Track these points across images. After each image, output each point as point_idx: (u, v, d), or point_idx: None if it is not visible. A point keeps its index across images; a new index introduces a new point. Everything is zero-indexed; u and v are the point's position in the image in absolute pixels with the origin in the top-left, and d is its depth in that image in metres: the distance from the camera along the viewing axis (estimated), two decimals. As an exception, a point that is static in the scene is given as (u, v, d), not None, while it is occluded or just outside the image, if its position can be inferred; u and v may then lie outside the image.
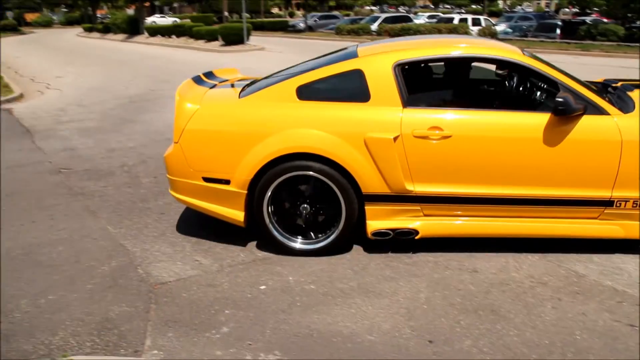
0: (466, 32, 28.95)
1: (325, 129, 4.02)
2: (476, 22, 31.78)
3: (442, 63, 5.31)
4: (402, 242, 4.31)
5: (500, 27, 31.80)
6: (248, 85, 4.76)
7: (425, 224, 4.13)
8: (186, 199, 4.39)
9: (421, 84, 5.02)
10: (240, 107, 4.26)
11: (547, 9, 59.36)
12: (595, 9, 29.01)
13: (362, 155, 3.99)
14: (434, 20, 35.46)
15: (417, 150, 3.98)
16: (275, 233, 4.25)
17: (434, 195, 4.06)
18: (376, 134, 3.97)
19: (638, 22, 28.49)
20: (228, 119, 4.20)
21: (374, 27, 33.36)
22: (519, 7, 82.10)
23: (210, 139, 4.18)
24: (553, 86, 4.24)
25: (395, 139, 3.96)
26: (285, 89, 4.24)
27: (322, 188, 4.12)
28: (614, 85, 4.81)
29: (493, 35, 28.40)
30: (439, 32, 28.89)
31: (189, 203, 4.40)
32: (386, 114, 4.04)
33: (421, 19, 39.90)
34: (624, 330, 3.27)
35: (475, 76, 5.46)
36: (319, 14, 45.14)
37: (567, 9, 42.46)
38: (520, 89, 4.94)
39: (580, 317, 3.40)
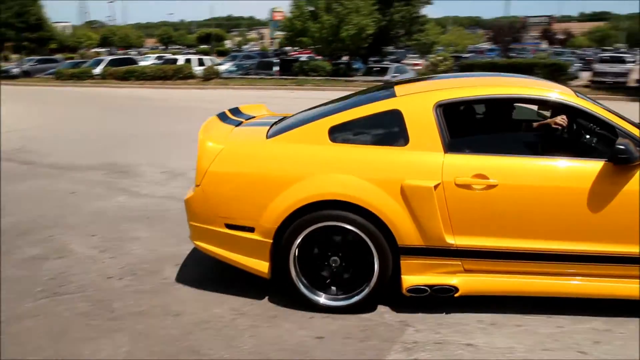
0: (190, 73, 29.53)
1: (358, 175, 3.73)
2: (201, 63, 32.65)
3: (484, 104, 4.80)
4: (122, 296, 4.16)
5: (224, 66, 33.13)
6: (276, 123, 4.48)
7: (465, 280, 3.80)
8: (207, 246, 4.06)
9: (463, 126, 4.44)
10: (267, 148, 3.98)
11: (271, 48, 63.80)
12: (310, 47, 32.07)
13: (399, 204, 3.68)
14: (161, 61, 35.50)
15: (459, 200, 3.68)
16: (301, 287, 3.93)
17: (476, 250, 3.73)
18: (415, 181, 3.67)
19: (342, 59, 32.25)
20: (254, 160, 3.93)
21: (97, 70, 32.07)
22: (245, 46, 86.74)
23: (235, 182, 3.89)
24: (609, 130, 3.91)
25: (435, 187, 3.67)
26: (317, 130, 3.94)
27: (352, 239, 3.80)
28: None
29: (216, 74, 29.45)
30: (164, 72, 28.97)
31: (210, 251, 4.07)
32: (426, 160, 3.74)
33: (149, 61, 39.60)
34: (312, 343, 3.58)
35: (518, 117, 4.99)
36: (37, 57, 41.93)
37: (288, 48, 46.21)
38: (569, 132, 4.61)
39: (276, 339, 3.63)
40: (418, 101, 3.93)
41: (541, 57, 31.52)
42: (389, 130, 3.93)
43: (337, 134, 3.93)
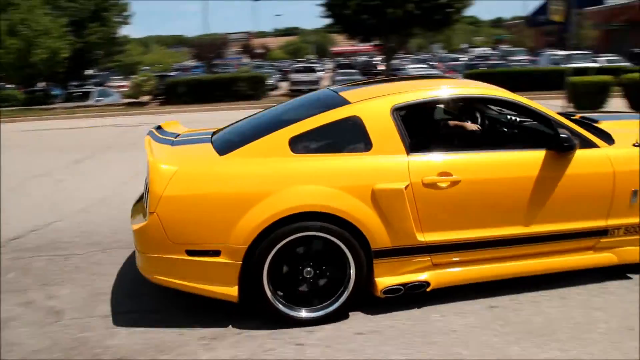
0: None
1: (327, 184, 3.71)
2: None
3: (436, 104, 5.01)
4: None
5: None
6: (214, 139, 4.31)
7: (435, 274, 3.96)
8: (165, 278, 3.71)
9: (419, 127, 4.55)
10: (226, 166, 3.78)
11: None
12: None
13: (371, 209, 3.73)
14: None
15: (427, 198, 3.83)
16: (279, 305, 3.74)
17: (444, 244, 3.93)
18: (386, 184, 3.75)
19: (38, 85, 29.51)
20: (214, 180, 3.69)
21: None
22: None
23: (195, 205, 3.62)
24: (545, 123, 4.25)
25: (405, 188, 3.77)
26: (276, 142, 3.84)
27: (327, 249, 3.75)
28: (585, 119, 5.01)
29: None
30: None
31: (169, 282, 3.72)
32: (392, 162, 3.85)
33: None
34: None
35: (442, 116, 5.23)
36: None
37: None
38: (505, 126, 4.98)
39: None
40: (376, 106, 4.04)
41: (244, 71, 33.15)
42: (351, 137, 3.97)
43: (298, 144, 3.87)
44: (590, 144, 4.21)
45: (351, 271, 3.80)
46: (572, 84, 12.01)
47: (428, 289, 3.95)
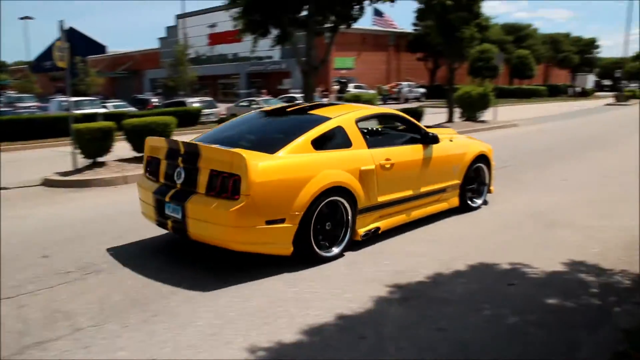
0: None
1: (339, 168, 5.87)
2: None
3: (371, 118, 7.31)
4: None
5: None
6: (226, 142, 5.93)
7: (382, 222, 6.54)
8: (249, 244, 5.29)
9: (368, 132, 7.39)
10: (283, 160, 5.50)
11: None
12: None
13: (358, 182, 6.05)
14: None
15: (381, 174, 6.37)
16: (317, 249, 5.73)
17: (386, 202, 6.52)
18: (365, 166, 6.17)
19: None
20: (281, 170, 5.39)
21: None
22: None
23: (272, 187, 5.26)
24: (414, 128, 7.35)
25: (374, 168, 6.25)
26: (304, 144, 5.78)
27: (335, 209, 5.91)
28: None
29: None
30: None
31: (250, 247, 5.33)
32: (364, 154, 6.27)
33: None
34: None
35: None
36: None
37: None
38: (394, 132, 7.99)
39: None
40: (348, 119, 6.40)
41: None
42: (341, 139, 6.18)
43: (316, 144, 5.87)
44: (436, 140, 7.25)
45: (349, 217, 6.04)
46: (76, 130, 12.21)
47: (379, 232, 6.48)
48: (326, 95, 37.35)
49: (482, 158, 8.22)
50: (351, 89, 41.94)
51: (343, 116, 6.40)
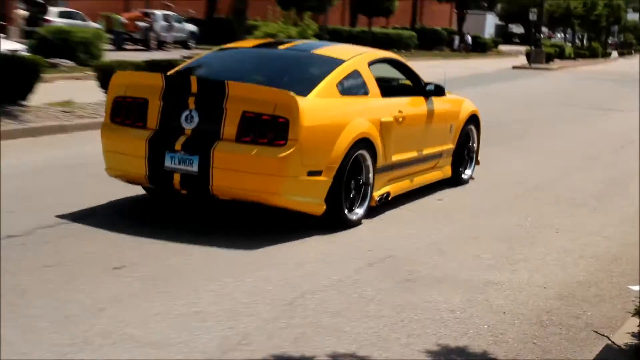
0: None
1: (364, 118, 5.23)
2: None
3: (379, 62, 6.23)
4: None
5: None
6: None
7: (391, 186, 5.72)
8: (291, 197, 4.71)
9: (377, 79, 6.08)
10: (319, 104, 4.95)
11: None
12: None
13: (379, 134, 5.32)
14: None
15: (396, 128, 5.53)
16: (346, 211, 5.07)
17: (397, 163, 5.69)
18: (385, 118, 5.44)
19: None
20: (319, 114, 4.84)
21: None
22: None
23: (318, 133, 4.74)
24: (413, 77, 6.37)
25: (393, 120, 5.54)
26: (330, 88, 5.12)
27: (359, 165, 5.17)
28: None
29: None
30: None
31: (289, 202, 4.74)
32: (381, 103, 5.57)
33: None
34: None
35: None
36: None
37: None
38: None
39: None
40: (361, 61, 5.67)
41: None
42: (358, 85, 5.51)
43: (339, 88, 5.24)
44: (442, 91, 6.48)
45: (370, 175, 5.32)
46: None
47: (389, 197, 5.73)
48: (2, 28, 21.05)
49: (473, 119, 7.17)
50: (54, 18, 25.31)
51: (356, 58, 5.66)
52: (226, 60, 6.09)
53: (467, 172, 7.16)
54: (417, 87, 6.38)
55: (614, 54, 59.61)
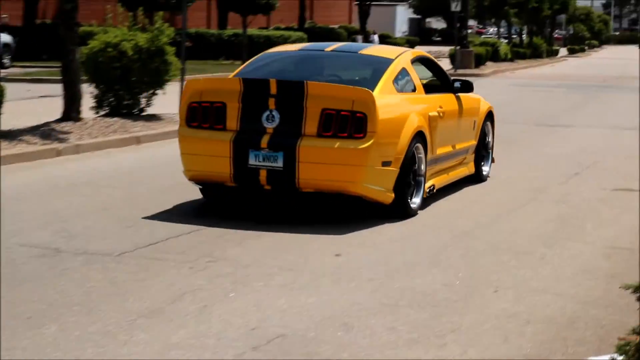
0: None
1: (417, 112, 5.74)
2: None
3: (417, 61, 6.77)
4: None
5: None
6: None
7: (434, 180, 6.12)
8: (370, 186, 5.24)
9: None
10: (385, 99, 5.48)
11: None
12: None
13: (429, 128, 5.85)
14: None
15: (439, 123, 6.07)
16: (409, 199, 5.58)
17: (439, 156, 6.17)
18: (432, 112, 5.98)
19: None
20: (392, 109, 5.54)
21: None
22: None
23: (390, 126, 5.34)
24: (442, 74, 6.98)
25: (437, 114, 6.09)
26: (388, 84, 5.68)
27: (415, 156, 5.66)
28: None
29: None
30: None
31: (366, 190, 5.25)
32: (426, 99, 6.15)
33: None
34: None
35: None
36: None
37: None
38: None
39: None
40: (405, 58, 6.18)
41: None
42: (406, 82, 6.01)
43: (395, 86, 5.78)
44: (471, 87, 6.98)
45: (423, 167, 5.78)
46: None
47: (434, 190, 6.12)
48: None
49: (490, 115, 7.60)
50: None
51: (401, 57, 6.20)
52: (281, 64, 6.39)
53: (485, 169, 7.40)
54: (445, 84, 6.81)
55: (562, 51, 50.13)
